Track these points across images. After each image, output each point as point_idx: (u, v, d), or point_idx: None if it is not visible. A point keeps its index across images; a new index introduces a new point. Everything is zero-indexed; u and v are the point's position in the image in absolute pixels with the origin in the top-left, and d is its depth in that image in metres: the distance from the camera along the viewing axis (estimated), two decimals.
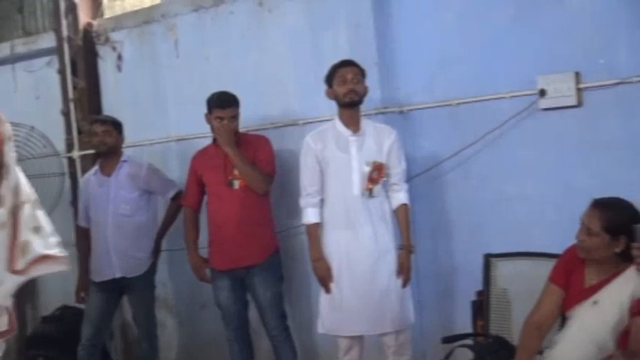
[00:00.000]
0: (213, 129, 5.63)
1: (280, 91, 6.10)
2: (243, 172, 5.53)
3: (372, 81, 5.32)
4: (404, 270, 5.15)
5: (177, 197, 6.20)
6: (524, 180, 5.27)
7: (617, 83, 4.89)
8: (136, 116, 6.92)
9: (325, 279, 5.17)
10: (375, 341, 5.30)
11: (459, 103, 5.43)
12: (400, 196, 5.23)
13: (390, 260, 5.14)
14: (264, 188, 5.60)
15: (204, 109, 5.63)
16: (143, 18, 7.03)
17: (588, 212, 4.10)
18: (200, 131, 6.20)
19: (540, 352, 4.22)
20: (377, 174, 5.15)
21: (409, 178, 5.37)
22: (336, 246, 5.16)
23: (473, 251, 5.24)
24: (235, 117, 5.62)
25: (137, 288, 6.21)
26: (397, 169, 5.21)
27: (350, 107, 5.18)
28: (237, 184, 5.61)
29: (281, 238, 5.88)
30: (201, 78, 6.55)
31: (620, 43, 4.92)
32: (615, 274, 4.11)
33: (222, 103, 5.58)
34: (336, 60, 5.26)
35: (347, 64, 5.21)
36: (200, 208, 5.89)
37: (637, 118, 4.87)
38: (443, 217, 5.62)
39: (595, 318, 4.11)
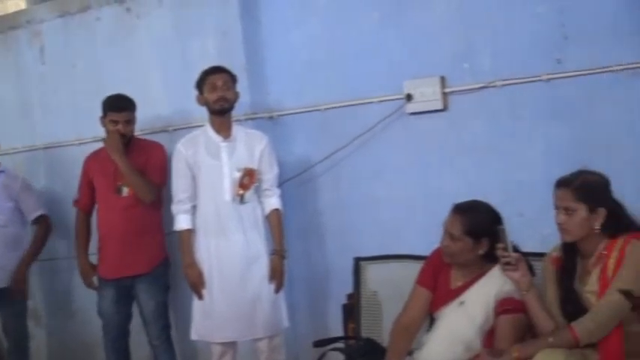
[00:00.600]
0: (107, 132, 5.51)
1: (149, 97, 5.98)
2: (130, 179, 5.42)
3: (241, 87, 5.28)
4: (276, 275, 5.14)
5: (40, 220, 6.09)
6: (393, 183, 5.30)
7: (482, 87, 4.96)
8: (0, 124, 6.76)
9: (197, 285, 5.12)
10: (249, 346, 5.28)
11: (327, 108, 5.46)
12: (272, 202, 5.22)
13: (261, 266, 5.12)
14: (150, 198, 5.49)
15: (72, 116, 5.51)
16: (8, 24, 6.85)
17: (449, 218, 4.15)
18: (67, 139, 6.09)
19: (410, 353, 4.25)
20: (248, 180, 5.12)
21: (281, 183, 5.36)
22: (207, 252, 5.12)
23: (344, 254, 5.23)
24: (130, 121, 5.51)
25: (7, 298, 6.00)
26: (269, 175, 5.20)
27: (220, 114, 5.14)
28: (125, 191, 5.50)
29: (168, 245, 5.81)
30: (68, 85, 6.42)
31: (483, 47, 4.99)
32: (480, 275, 4.17)
33: (117, 106, 5.47)
34: (204, 66, 5.22)
35: (217, 70, 5.17)
36: (91, 211, 5.76)
37: (500, 121, 4.95)
38: (315, 220, 5.63)
39: (461, 318, 4.15)
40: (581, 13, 4.69)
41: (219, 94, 5.09)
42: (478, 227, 4.09)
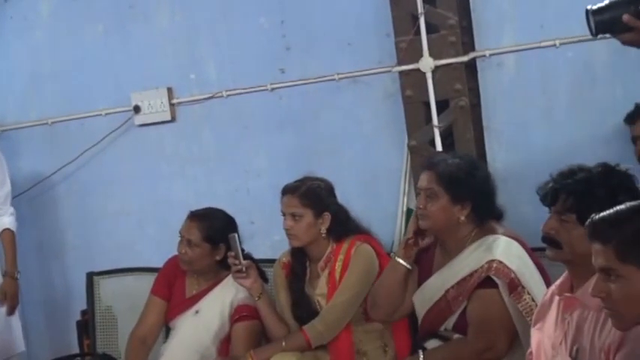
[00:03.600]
0: None
1: None
2: None
3: None
4: (8, 297, 4.89)
5: None
6: (126, 196, 5.27)
7: (208, 98, 5.01)
8: None
9: None
10: None
11: (54, 122, 5.34)
12: (4, 221, 4.97)
13: None
14: None
15: None
16: None
17: (186, 225, 4.12)
18: None
19: None
20: None
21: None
22: None
23: (79, 270, 5.14)
24: None
25: None
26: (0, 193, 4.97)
27: None
28: None
29: None
30: None
31: (208, 58, 5.04)
32: (215, 283, 4.16)
33: None
34: None
35: None
36: None
37: (228, 130, 5.03)
38: (51, 236, 5.53)
39: (197, 327, 4.14)
40: (301, 25, 4.82)
41: None
42: (215, 233, 4.08)
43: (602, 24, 2.74)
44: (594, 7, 2.72)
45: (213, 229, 4.11)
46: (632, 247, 2.36)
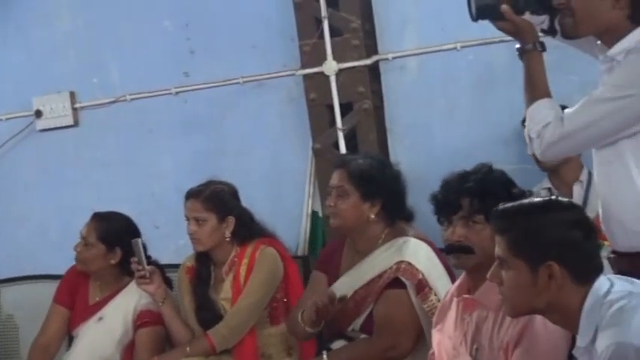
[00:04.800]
0: None
1: None
2: None
3: None
4: None
5: None
6: (27, 202, 5.20)
7: (112, 102, 4.99)
8: None
9: None
10: None
11: None
12: None
13: None
14: None
15: None
16: None
17: (86, 225, 4.09)
18: None
19: None
20: None
21: None
22: None
23: None
24: None
25: None
26: None
27: None
28: None
29: None
30: None
31: (111, 62, 5.02)
32: (119, 289, 4.12)
33: None
34: None
35: None
36: None
37: (132, 134, 5.00)
38: None
39: (101, 334, 4.09)
40: (206, 28, 4.85)
41: None
42: (111, 235, 4.07)
43: (481, 10, 2.82)
44: None
45: (110, 230, 4.09)
46: (523, 243, 2.46)
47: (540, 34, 2.87)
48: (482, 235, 2.90)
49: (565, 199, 2.66)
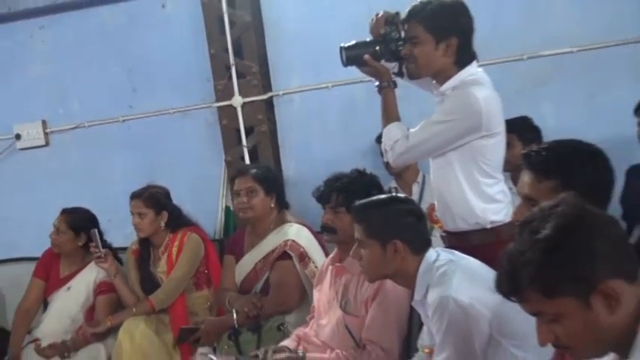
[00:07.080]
0: None
1: None
2: None
3: None
4: None
5: None
6: (10, 204, 5.20)
7: (74, 127, 5.09)
8: None
9: None
10: None
11: None
12: None
13: None
14: None
15: None
16: None
17: (57, 218, 4.28)
18: None
19: (30, 331, 4.32)
20: None
21: None
22: None
23: None
24: None
25: None
26: None
27: None
28: None
29: None
30: None
31: (74, 97, 5.09)
32: (83, 266, 4.34)
33: None
34: None
35: None
36: None
37: (91, 151, 5.09)
38: None
39: (69, 299, 4.29)
40: (144, 72, 4.96)
41: None
42: (77, 223, 4.26)
43: (350, 58, 2.94)
44: (346, 45, 2.94)
45: (76, 220, 4.27)
46: (374, 228, 2.66)
47: (392, 75, 2.99)
48: (344, 221, 3.11)
49: (403, 195, 2.89)
